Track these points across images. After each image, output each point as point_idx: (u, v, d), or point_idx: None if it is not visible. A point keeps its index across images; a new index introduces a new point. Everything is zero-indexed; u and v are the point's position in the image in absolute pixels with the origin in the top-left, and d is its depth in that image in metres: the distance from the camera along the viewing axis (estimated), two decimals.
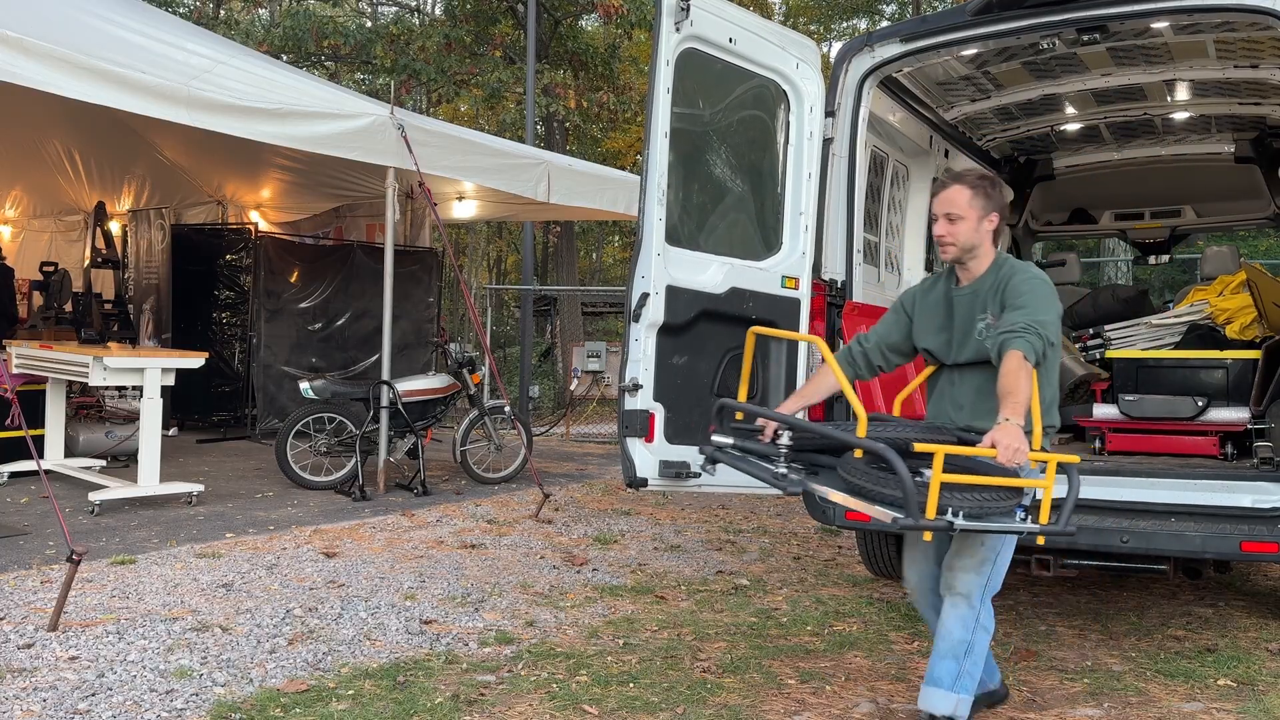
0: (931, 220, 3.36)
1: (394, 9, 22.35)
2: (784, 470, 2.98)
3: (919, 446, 2.84)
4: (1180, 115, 6.61)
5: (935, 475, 2.73)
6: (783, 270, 4.54)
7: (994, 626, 3.37)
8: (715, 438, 3.31)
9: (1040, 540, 3.11)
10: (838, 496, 2.94)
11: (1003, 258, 3.35)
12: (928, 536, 3.00)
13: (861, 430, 2.92)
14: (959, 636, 3.27)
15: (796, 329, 4.57)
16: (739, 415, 3.36)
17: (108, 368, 6.84)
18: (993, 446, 2.87)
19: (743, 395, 3.51)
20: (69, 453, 8.17)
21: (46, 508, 6.63)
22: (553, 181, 8.84)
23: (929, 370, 3.54)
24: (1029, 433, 3.04)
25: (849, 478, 2.96)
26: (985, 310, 3.28)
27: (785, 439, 3.07)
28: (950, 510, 2.79)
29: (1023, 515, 2.92)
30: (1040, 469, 3.06)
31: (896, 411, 3.67)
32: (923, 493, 2.73)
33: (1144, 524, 4.21)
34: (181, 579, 5.17)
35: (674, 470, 4.10)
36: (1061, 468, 2.94)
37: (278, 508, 7.18)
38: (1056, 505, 2.92)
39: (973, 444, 3.03)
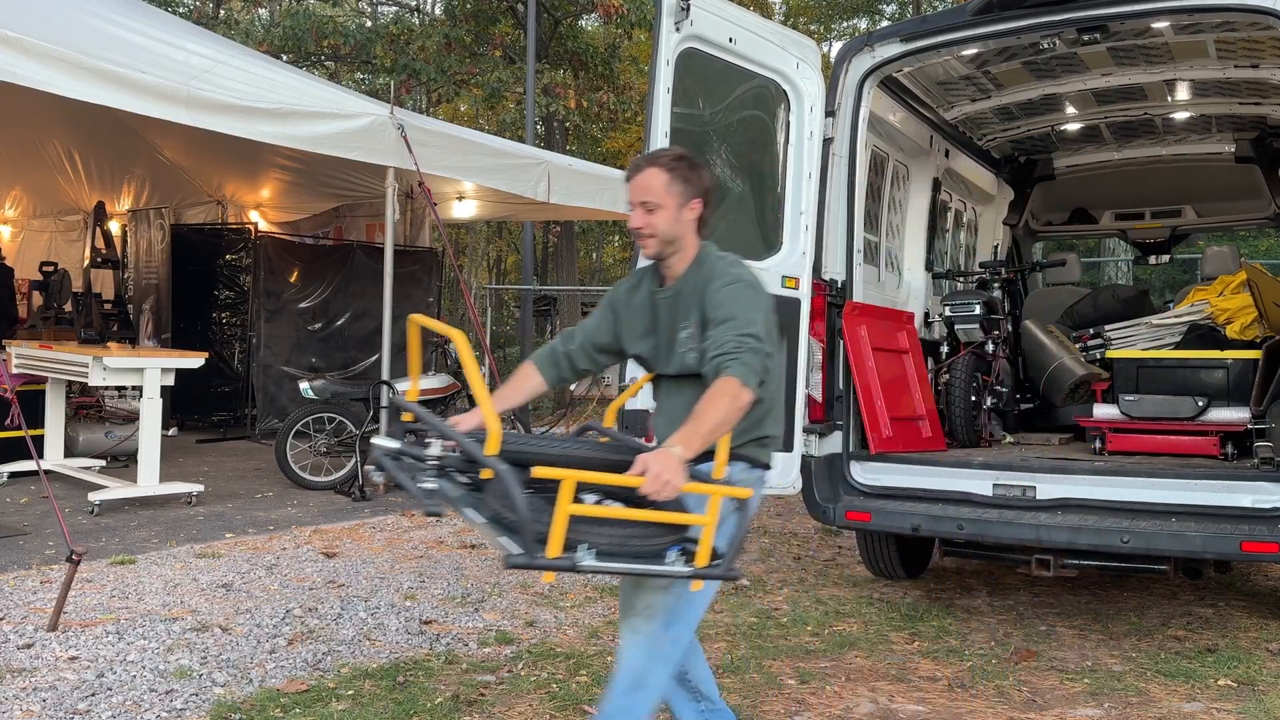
0: (630, 209, 2.93)
1: (394, 9, 22.34)
2: (431, 485, 2.49)
3: (538, 472, 2.35)
4: (1181, 115, 6.61)
5: (561, 506, 2.30)
6: (783, 270, 4.54)
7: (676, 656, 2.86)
8: (378, 441, 2.76)
9: (695, 586, 2.61)
10: (478, 522, 2.48)
11: (704, 254, 2.92)
12: (548, 578, 2.53)
13: (493, 445, 2.39)
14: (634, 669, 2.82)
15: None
16: (406, 416, 2.84)
17: (107, 368, 6.84)
18: (642, 474, 2.41)
19: (413, 393, 2.95)
20: (69, 453, 8.17)
21: (46, 508, 6.63)
22: (553, 181, 8.84)
23: (645, 379, 3.11)
24: (716, 475, 2.64)
25: (491, 501, 2.49)
26: (688, 318, 2.85)
27: (436, 449, 2.58)
28: (582, 546, 2.38)
29: (677, 554, 2.49)
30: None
31: (609, 423, 3.20)
32: (546, 523, 2.31)
33: (1144, 524, 4.20)
34: (181, 579, 5.17)
35: None
36: (731, 503, 2.54)
37: (277, 508, 7.18)
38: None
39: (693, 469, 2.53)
